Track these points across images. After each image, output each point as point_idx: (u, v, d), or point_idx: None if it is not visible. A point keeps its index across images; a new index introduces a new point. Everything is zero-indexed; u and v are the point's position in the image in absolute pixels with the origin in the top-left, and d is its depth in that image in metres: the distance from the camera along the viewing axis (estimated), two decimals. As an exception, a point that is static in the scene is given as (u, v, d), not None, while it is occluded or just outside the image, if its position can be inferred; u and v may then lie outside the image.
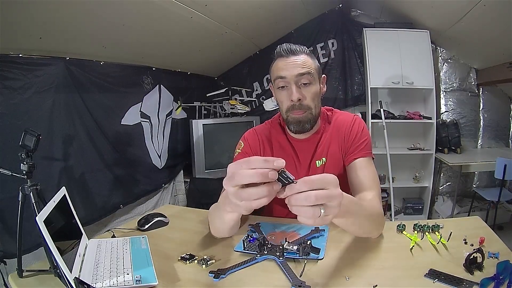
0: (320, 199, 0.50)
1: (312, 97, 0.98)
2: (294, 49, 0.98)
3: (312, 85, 0.98)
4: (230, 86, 3.10)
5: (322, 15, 3.22)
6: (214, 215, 0.87)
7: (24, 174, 0.98)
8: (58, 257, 0.66)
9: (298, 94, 0.95)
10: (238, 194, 0.52)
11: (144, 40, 2.06)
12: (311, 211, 0.50)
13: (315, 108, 1.00)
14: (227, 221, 0.80)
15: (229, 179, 0.52)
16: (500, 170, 2.37)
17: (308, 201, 0.50)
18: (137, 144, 2.40)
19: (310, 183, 0.50)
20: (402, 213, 3.16)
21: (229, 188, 0.53)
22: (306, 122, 0.99)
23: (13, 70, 1.53)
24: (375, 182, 0.98)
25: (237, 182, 0.51)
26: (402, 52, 2.83)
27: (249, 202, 0.52)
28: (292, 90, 0.96)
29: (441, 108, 3.15)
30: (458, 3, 2.16)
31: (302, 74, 0.95)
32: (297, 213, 0.51)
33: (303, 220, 0.51)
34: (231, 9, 2.18)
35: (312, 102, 0.98)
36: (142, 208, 2.43)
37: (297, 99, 0.95)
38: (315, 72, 0.99)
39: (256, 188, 0.51)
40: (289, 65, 0.96)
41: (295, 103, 0.97)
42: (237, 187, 0.52)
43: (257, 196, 0.51)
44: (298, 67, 0.96)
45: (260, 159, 0.51)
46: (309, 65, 0.97)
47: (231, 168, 0.53)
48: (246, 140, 1.12)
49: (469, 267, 0.71)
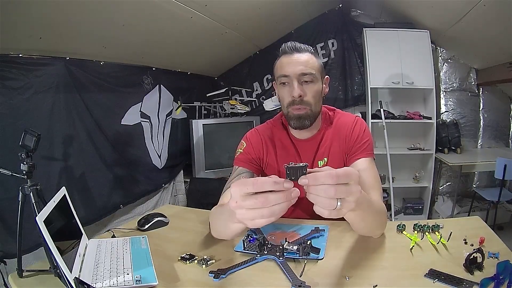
0: (339, 194, 0.51)
1: (313, 94, 0.99)
2: (299, 47, 1.00)
3: (314, 83, 0.99)
4: (230, 86, 3.10)
5: (322, 15, 3.22)
6: (218, 220, 0.85)
7: (24, 174, 0.98)
8: (58, 257, 0.66)
9: (299, 90, 0.97)
10: (252, 212, 0.52)
11: (144, 40, 2.06)
12: (328, 203, 0.51)
13: (315, 105, 1.01)
14: (234, 230, 0.75)
15: (242, 199, 0.51)
16: (500, 170, 2.37)
17: (327, 193, 0.51)
18: (137, 144, 2.40)
19: (335, 178, 0.51)
20: (402, 213, 3.16)
21: (239, 211, 0.53)
22: (305, 118, 1.00)
23: (13, 70, 1.53)
24: (377, 183, 0.98)
25: (253, 205, 0.51)
26: (402, 52, 2.83)
27: (263, 220, 0.52)
28: (294, 86, 0.97)
29: (441, 108, 3.15)
30: (458, 3, 2.16)
31: (304, 73, 0.97)
32: (314, 202, 0.52)
33: (318, 210, 0.52)
34: (231, 9, 2.18)
35: (312, 100, 0.99)
36: (142, 208, 2.43)
37: (298, 95, 0.97)
38: (317, 71, 1.00)
39: (271, 206, 0.51)
40: (293, 62, 0.98)
41: (296, 99, 0.98)
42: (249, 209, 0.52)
43: (273, 212, 0.51)
44: (301, 65, 0.97)
45: (270, 181, 0.50)
46: (312, 63, 0.99)
47: (240, 189, 0.52)
48: (248, 140, 1.12)
49: (469, 267, 0.71)
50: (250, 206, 0.51)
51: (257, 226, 0.53)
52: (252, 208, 0.51)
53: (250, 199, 0.51)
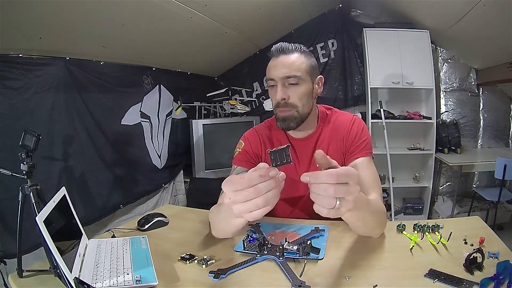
0: (339, 193, 0.52)
1: (299, 96, 0.99)
2: (286, 48, 0.99)
3: (299, 85, 0.99)
4: (230, 86, 3.10)
5: (322, 15, 3.22)
6: (218, 218, 0.85)
7: (24, 174, 0.98)
8: (58, 257, 0.66)
9: (281, 94, 0.98)
10: (245, 205, 0.53)
11: (144, 40, 2.06)
12: (327, 201, 0.53)
13: (303, 107, 1.00)
14: (236, 225, 0.75)
15: (234, 194, 0.53)
16: (500, 170, 2.37)
17: (326, 192, 0.52)
18: (137, 144, 2.40)
19: (336, 177, 0.52)
20: (402, 213, 3.16)
21: (235, 206, 0.54)
22: (291, 120, 1.00)
23: (13, 70, 1.53)
24: (376, 182, 0.98)
25: (244, 198, 0.53)
26: (402, 52, 2.83)
27: (259, 211, 0.53)
28: (278, 89, 0.98)
29: (441, 108, 3.15)
30: (458, 3, 2.16)
31: (288, 76, 0.97)
32: (314, 200, 0.54)
33: (317, 208, 0.53)
34: (231, 9, 2.18)
35: (299, 101, 0.99)
36: (142, 208, 2.43)
37: (281, 98, 0.98)
38: (304, 72, 0.99)
39: (260, 197, 0.52)
40: (277, 66, 0.99)
41: (280, 102, 0.99)
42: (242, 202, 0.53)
43: (265, 202, 0.53)
44: (285, 68, 0.97)
45: (255, 176, 0.52)
46: (297, 65, 0.98)
47: (231, 187, 0.54)
48: (246, 139, 1.12)
49: (469, 267, 0.71)
50: (244, 199, 0.52)
51: (256, 218, 0.54)
52: (246, 201, 0.53)
53: (241, 193, 0.52)
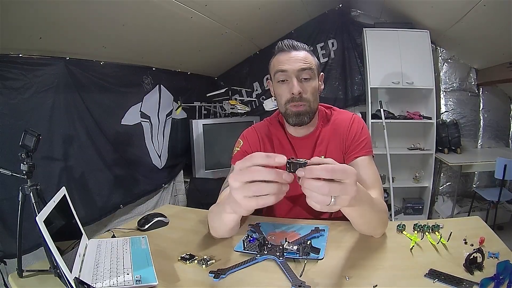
0: (333, 192, 0.52)
1: (312, 91, 1.00)
2: (296, 45, 1.01)
3: (312, 80, 1.00)
4: (230, 86, 3.10)
5: (322, 15, 3.22)
6: (214, 216, 0.87)
7: (24, 174, 0.98)
8: (58, 257, 0.66)
9: (299, 87, 0.97)
10: (247, 188, 0.52)
11: (144, 40, 2.06)
12: (321, 198, 0.52)
13: (314, 102, 1.01)
14: (227, 222, 0.81)
15: (238, 173, 0.53)
16: (500, 170, 2.37)
17: (321, 191, 0.51)
18: (137, 144, 2.40)
19: (331, 172, 0.51)
20: (402, 213, 3.16)
21: (235, 183, 0.53)
22: (304, 115, 1.00)
23: (13, 70, 1.53)
24: (377, 181, 0.98)
25: (249, 178, 0.52)
26: (402, 52, 2.83)
27: (254, 199, 0.53)
28: (294, 83, 0.97)
29: (441, 108, 3.15)
30: (458, 3, 2.16)
31: (303, 69, 0.98)
32: (307, 195, 0.53)
33: (311, 203, 0.53)
34: (231, 9, 2.18)
35: (311, 96, 1.00)
36: (142, 208, 2.43)
37: (298, 92, 0.97)
38: (315, 68, 1.01)
39: (267, 184, 0.52)
40: (291, 59, 0.99)
41: (295, 96, 0.98)
42: (245, 183, 0.53)
43: (267, 192, 0.52)
44: (300, 62, 0.98)
45: (262, 154, 0.52)
46: (310, 61, 1.00)
47: (239, 165, 0.54)
48: (245, 138, 1.12)
49: (469, 267, 0.71)
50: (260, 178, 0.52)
51: (268, 204, 0.54)
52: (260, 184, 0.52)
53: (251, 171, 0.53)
